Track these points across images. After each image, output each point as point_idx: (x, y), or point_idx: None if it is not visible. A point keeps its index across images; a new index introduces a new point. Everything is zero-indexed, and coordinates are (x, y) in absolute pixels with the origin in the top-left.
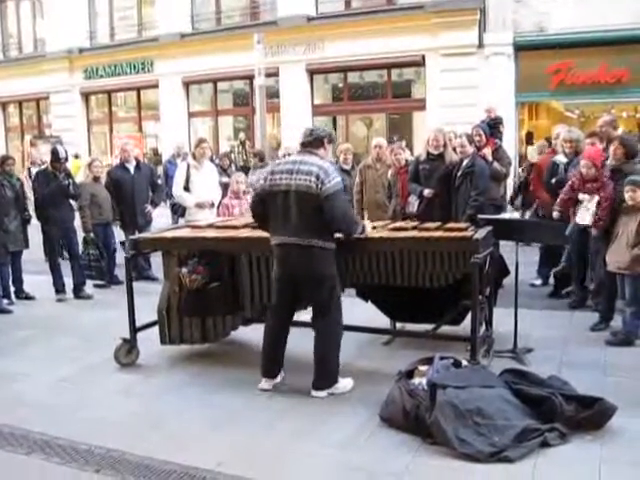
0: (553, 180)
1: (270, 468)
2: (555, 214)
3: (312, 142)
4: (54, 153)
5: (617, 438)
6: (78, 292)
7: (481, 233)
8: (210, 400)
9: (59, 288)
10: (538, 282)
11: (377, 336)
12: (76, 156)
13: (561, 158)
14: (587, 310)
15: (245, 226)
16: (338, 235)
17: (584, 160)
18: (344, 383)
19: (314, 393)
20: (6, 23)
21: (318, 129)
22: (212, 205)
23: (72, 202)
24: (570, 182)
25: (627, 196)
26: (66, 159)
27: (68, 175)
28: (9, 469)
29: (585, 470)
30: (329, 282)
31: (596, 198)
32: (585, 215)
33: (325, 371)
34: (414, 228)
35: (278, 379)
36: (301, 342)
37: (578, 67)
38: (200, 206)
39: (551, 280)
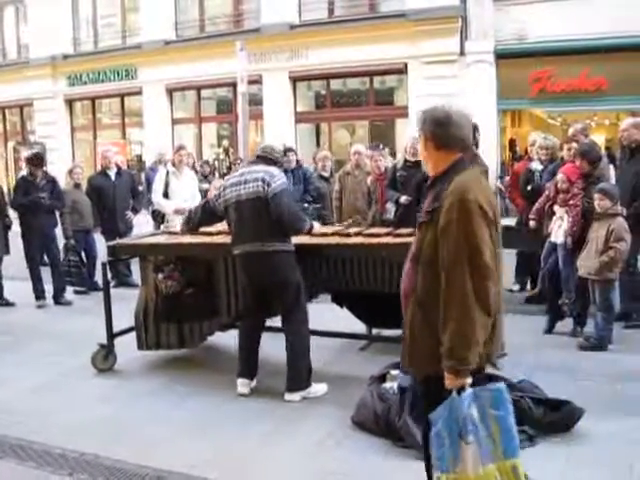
0: (529, 187)
1: (242, 471)
2: (532, 223)
3: (264, 158)
4: (29, 159)
5: (584, 440)
6: (58, 298)
7: None
8: (185, 404)
9: (39, 294)
10: (516, 287)
11: (354, 341)
12: None
13: (536, 165)
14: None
15: (220, 232)
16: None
17: (560, 174)
18: (317, 388)
19: (287, 396)
20: None
21: (278, 152)
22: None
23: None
24: (547, 192)
25: (596, 204)
26: (42, 161)
27: (51, 181)
28: None
29: (552, 471)
30: (293, 286)
31: (566, 217)
32: (559, 234)
33: (296, 373)
34: (388, 234)
35: (254, 382)
36: (274, 347)
37: (558, 75)
38: (178, 212)
39: (528, 286)
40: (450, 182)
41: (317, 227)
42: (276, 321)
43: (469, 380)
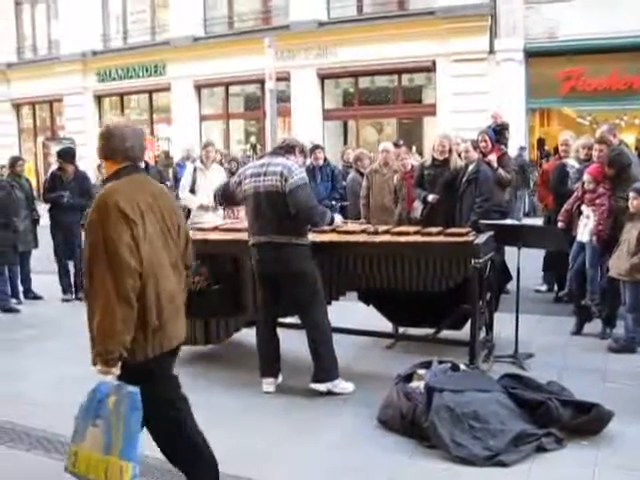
0: (569, 184)
1: (265, 467)
2: (560, 224)
3: (283, 147)
4: (59, 153)
5: (613, 444)
6: (77, 294)
7: (481, 238)
8: (210, 400)
9: (65, 288)
10: (543, 288)
11: (380, 340)
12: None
13: (573, 162)
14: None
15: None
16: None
17: (586, 175)
18: (345, 385)
19: (312, 385)
20: (21, 25)
21: (292, 139)
22: (216, 208)
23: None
24: (575, 193)
25: (630, 203)
26: (72, 157)
27: (80, 177)
28: (10, 464)
29: (580, 475)
30: (309, 278)
31: (592, 216)
32: (585, 232)
33: (321, 365)
34: (416, 233)
35: (279, 379)
36: (298, 344)
37: (589, 74)
38: (203, 208)
39: (555, 287)
40: None
41: (338, 220)
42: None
43: (115, 368)
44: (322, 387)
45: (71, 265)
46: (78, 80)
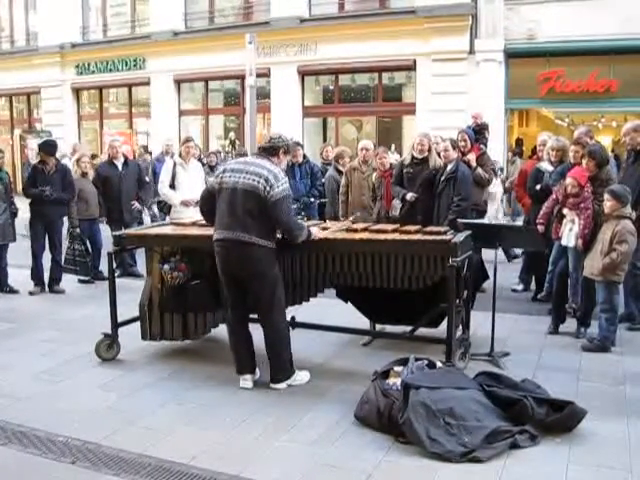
0: (538, 187)
1: (243, 463)
2: (540, 228)
3: (268, 149)
4: (41, 146)
5: (586, 441)
6: (52, 286)
7: (459, 237)
8: (187, 396)
9: (37, 281)
10: (520, 287)
11: (357, 337)
12: None
13: (546, 165)
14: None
15: None
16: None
17: (569, 178)
18: (301, 375)
19: (273, 385)
20: None
21: (278, 138)
22: (197, 203)
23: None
24: (554, 196)
25: (604, 204)
26: (54, 149)
27: (61, 171)
28: None
29: (553, 472)
30: (270, 280)
31: (577, 220)
32: (571, 237)
33: (278, 365)
34: (394, 231)
35: (257, 374)
36: None
37: (568, 75)
38: (185, 204)
39: (532, 286)
40: None
41: (315, 233)
42: None
43: None
44: (282, 385)
45: (48, 259)
46: (56, 72)
